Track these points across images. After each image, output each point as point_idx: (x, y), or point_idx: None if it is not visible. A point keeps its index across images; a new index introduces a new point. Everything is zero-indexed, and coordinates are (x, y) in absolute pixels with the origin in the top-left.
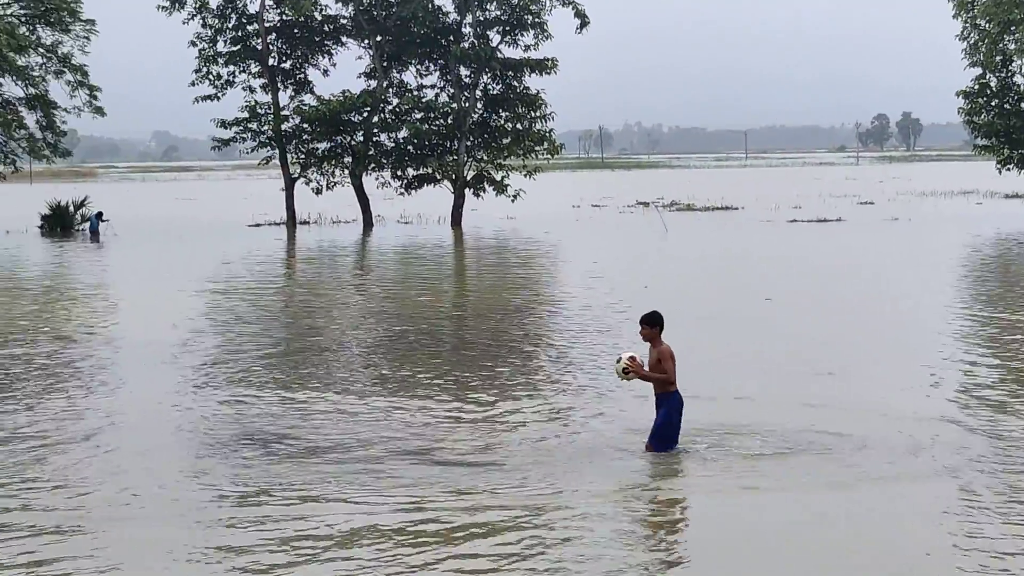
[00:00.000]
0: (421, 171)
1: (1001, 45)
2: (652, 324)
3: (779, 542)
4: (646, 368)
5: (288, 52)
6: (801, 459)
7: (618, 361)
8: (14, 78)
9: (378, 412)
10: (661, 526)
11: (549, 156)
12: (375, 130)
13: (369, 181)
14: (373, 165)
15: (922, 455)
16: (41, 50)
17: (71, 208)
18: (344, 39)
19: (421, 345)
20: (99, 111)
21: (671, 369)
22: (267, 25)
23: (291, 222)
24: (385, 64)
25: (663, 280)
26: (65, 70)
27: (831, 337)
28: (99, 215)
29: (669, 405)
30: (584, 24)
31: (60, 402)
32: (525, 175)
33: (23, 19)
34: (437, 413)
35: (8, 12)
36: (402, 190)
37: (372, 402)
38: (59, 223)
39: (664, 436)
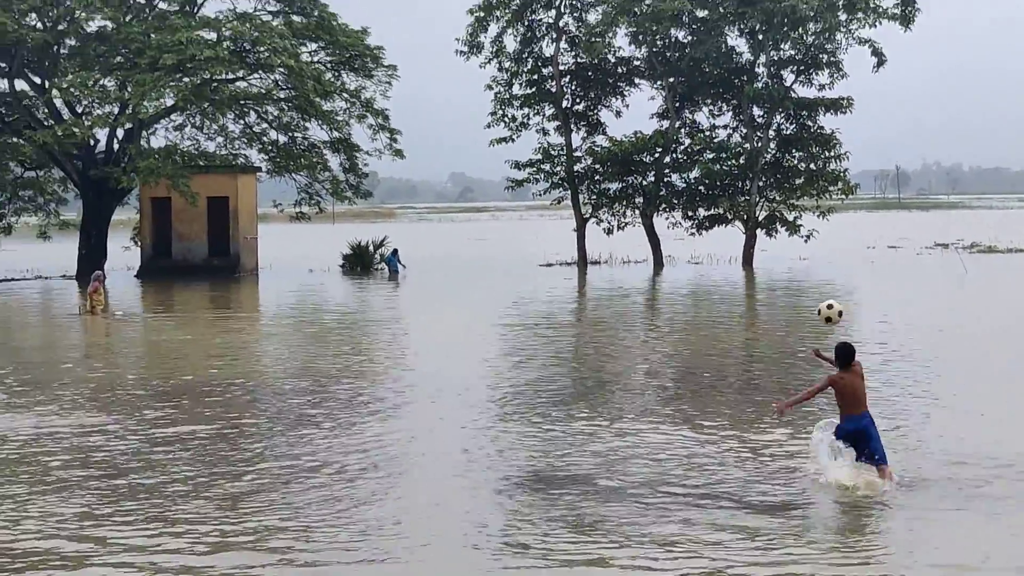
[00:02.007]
0: (712, 211)
1: None
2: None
3: None
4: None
5: (581, 94)
6: None
7: (829, 307)
8: (319, 122)
9: (667, 451)
10: None
11: (843, 196)
12: (666, 170)
13: (660, 221)
14: (664, 205)
15: None
16: (345, 95)
17: (371, 248)
18: (637, 80)
19: (713, 386)
20: (399, 153)
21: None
22: (561, 68)
23: (582, 262)
24: (677, 104)
25: (961, 324)
26: (367, 114)
27: None
28: (395, 252)
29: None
30: (881, 63)
31: (363, 435)
32: (818, 215)
33: (329, 65)
34: (726, 454)
35: (316, 59)
36: (693, 230)
37: (660, 442)
38: (359, 262)
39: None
